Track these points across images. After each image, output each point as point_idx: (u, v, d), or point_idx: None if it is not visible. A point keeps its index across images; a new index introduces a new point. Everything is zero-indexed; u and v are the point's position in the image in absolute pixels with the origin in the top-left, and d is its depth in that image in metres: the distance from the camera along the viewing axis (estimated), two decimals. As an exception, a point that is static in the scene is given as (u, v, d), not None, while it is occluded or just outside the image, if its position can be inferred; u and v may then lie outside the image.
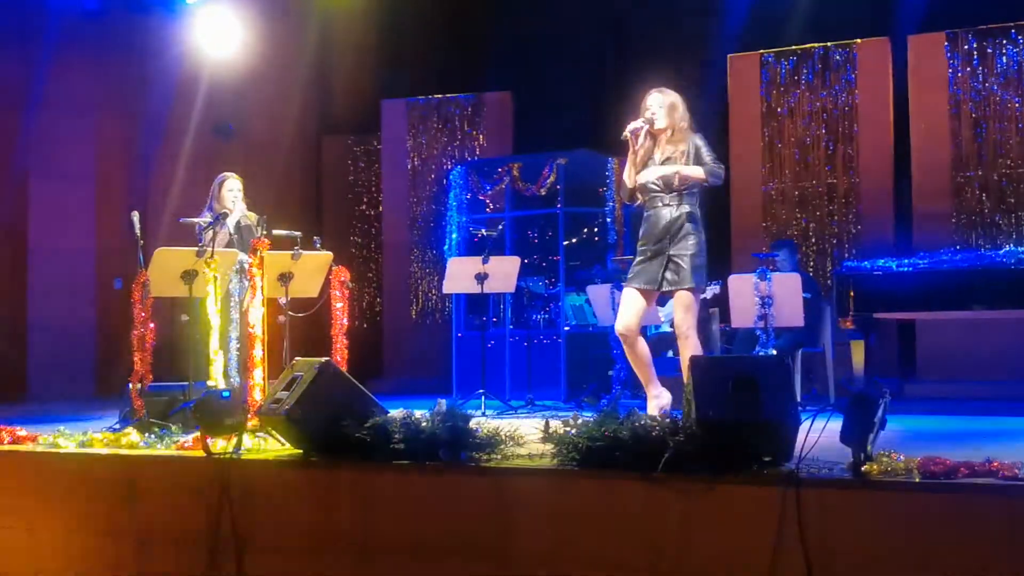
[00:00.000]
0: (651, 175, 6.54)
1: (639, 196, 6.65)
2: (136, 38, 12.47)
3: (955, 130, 10.86)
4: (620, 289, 7.15)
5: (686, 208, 6.48)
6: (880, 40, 11.31)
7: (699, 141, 6.58)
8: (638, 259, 6.59)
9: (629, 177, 6.62)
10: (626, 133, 6.58)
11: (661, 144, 6.60)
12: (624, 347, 6.65)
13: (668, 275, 6.45)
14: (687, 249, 6.44)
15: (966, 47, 10.86)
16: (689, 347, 6.42)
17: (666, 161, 6.53)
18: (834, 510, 4.23)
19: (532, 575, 4.80)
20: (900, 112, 11.20)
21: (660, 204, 6.51)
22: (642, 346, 6.63)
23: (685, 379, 6.45)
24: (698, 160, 6.52)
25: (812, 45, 11.53)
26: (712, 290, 9.24)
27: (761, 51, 11.73)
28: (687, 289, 6.42)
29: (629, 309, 6.56)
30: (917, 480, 4.21)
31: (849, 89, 11.40)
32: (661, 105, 6.59)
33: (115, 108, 12.55)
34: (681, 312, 6.46)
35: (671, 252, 6.44)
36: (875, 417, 4.32)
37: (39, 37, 12.05)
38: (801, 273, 9.14)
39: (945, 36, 10.94)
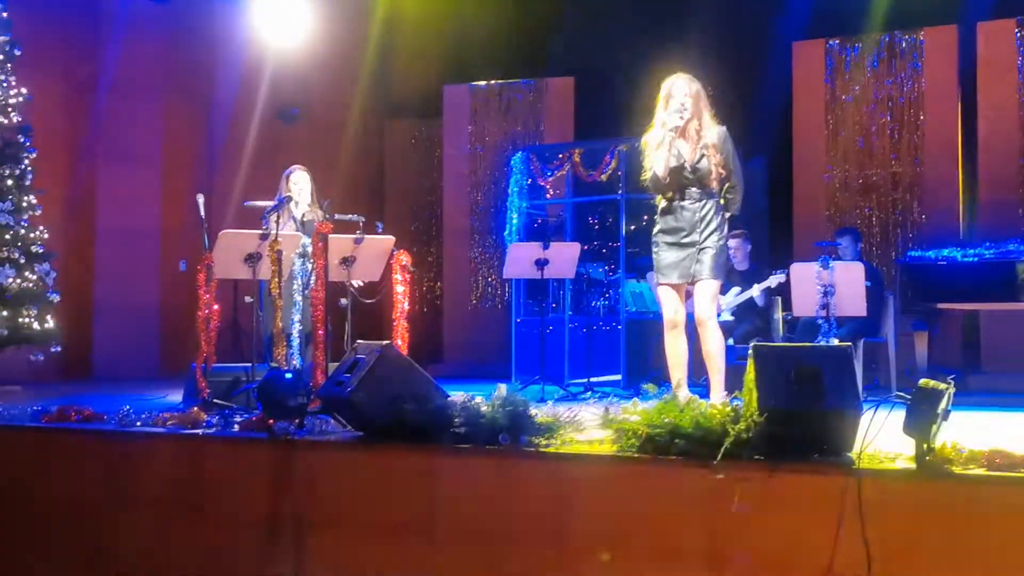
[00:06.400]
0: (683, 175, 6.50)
1: (667, 187, 6.60)
2: (203, 23, 12.61)
3: (1024, 119, 10.72)
4: None
5: (713, 201, 6.48)
6: (947, 27, 11.16)
7: (729, 144, 6.51)
8: (665, 251, 6.56)
9: (663, 169, 6.52)
10: (670, 132, 6.47)
11: (689, 134, 6.53)
12: (669, 337, 6.62)
13: (696, 266, 6.46)
14: (713, 242, 6.46)
15: (1037, 34, 10.70)
16: (710, 334, 6.45)
17: (701, 159, 6.47)
18: (896, 501, 4.21)
19: (591, 560, 4.82)
20: (967, 100, 11.05)
21: (689, 197, 6.49)
22: (684, 342, 6.63)
23: (708, 367, 6.51)
24: (727, 167, 6.48)
25: (878, 32, 11.40)
26: (777, 279, 9.19)
27: (826, 38, 11.62)
28: (711, 279, 6.43)
29: (673, 303, 6.57)
30: (981, 473, 4.16)
31: (915, 76, 11.26)
32: (688, 94, 6.50)
33: (182, 92, 12.71)
34: (705, 301, 6.47)
35: (701, 244, 6.44)
36: (939, 408, 4.29)
37: (108, 22, 12.22)
38: (863, 262, 9.05)
39: (1016, 23, 10.77)
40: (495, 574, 5.06)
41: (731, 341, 9.13)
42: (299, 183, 8.15)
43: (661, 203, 6.64)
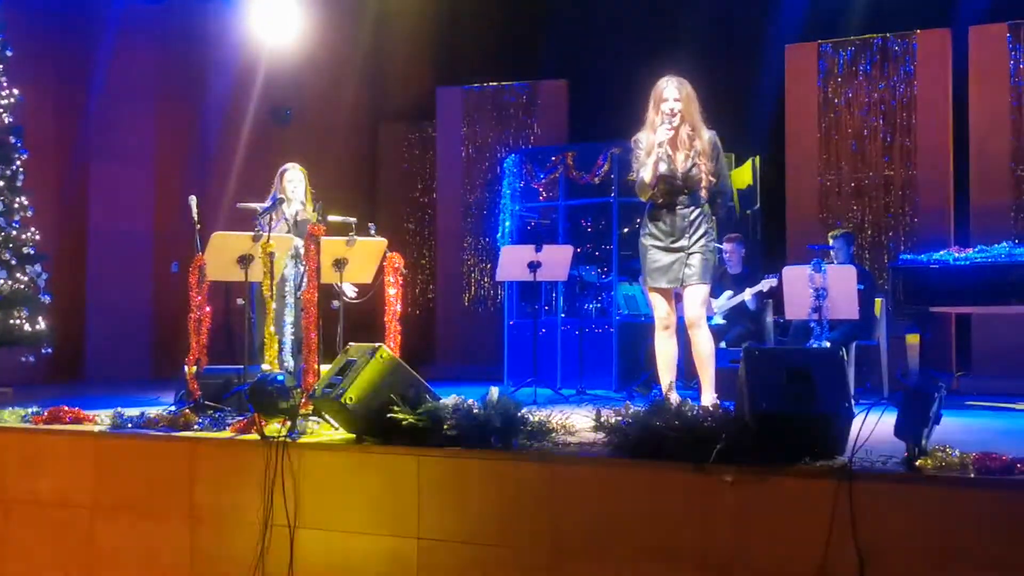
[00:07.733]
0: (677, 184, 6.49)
1: (655, 192, 6.57)
2: (196, 24, 12.59)
3: (1016, 122, 10.73)
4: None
5: (701, 205, 6.48)
6: (940, 31, 11.19)
7: (718, 150, 6.51)
8: (653, 255, 6.54)
9: (651, 176, 6.49)
10: (658, 147, 6.46)
11: (681, 139, 6.51)
12: (660, 339, 6.61)
13: (685, 270, 6.45)
14: (702, 245, 6.46)
15: (1029, 38, 10.72)
16: (701, 337, 6.45)
17: (692, 168, 6.46)
18: (887, 504, 4.21)
19: (582, 563, 4.82)
20: (959, 104, 11.07)
21: (678, 202, 6.48)
22: (675, 344, 6.62)
23: (699, 370, 6.51)
24: (716, 174, 6.48)
25: (871, 35, 11.42)
26: (769, 283, 9.19)
27: (819, 41, 11.64)
28: (700, 283, 6.44)
29: (664, 306, 6.56)
30: (972, 476, 4.17)
31: (908, 80, 11.28)
32: (678, 98, 6.49)
33: (175, 93, 12.68)
34: (696, 305, 6.47)
35: (689, 248, 6.44)
36: (930, 411, 4.29)
37: (101, 22, 12.20)
38: (855, 265, 9.06)
39: (1007, 27, 10.79)
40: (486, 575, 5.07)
41: (723, 344, 9.14)
42: (293, 180, 8.13)
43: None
